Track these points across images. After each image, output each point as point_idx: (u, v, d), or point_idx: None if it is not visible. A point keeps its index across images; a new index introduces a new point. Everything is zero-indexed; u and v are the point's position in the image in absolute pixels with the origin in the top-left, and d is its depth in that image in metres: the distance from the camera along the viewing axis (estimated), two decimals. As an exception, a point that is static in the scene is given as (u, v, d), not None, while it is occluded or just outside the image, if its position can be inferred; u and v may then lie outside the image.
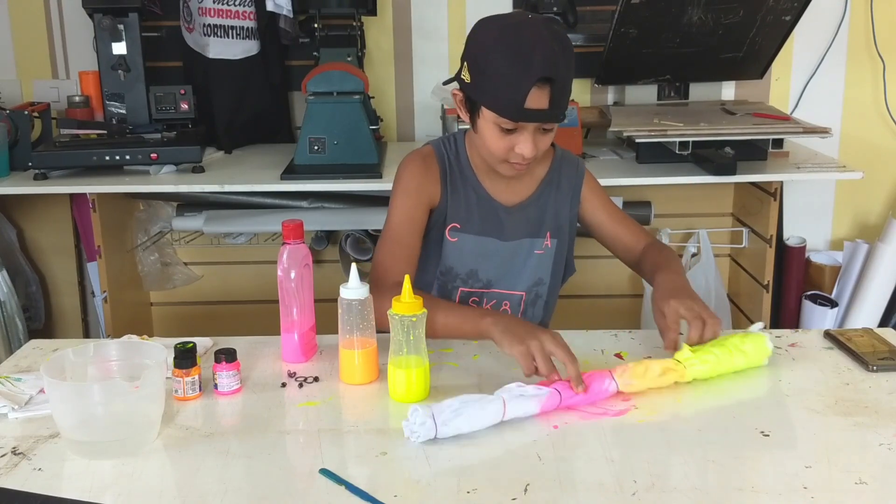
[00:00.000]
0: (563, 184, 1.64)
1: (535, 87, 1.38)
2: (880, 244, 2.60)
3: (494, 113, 1.43)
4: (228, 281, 2.87)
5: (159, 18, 2.66)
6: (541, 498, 1.03)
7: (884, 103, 2.75)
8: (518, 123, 1.43)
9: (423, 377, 1.29)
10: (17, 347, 2.12)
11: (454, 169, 1.60)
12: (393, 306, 1.28)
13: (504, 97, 1.40)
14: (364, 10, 2.51)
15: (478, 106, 1.46)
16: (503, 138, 1.46)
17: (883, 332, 1.50)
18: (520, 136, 1.45)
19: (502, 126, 1.44)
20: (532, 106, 1.39)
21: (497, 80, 1.40)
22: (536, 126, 1.44)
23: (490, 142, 1.47)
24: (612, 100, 2.78)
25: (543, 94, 1.39)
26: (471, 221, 1.59)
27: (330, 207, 2.57)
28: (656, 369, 1.28)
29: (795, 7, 2.41)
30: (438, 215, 1.59)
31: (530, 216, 1.62)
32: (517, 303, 1.66)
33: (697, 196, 2.78)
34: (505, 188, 1.61)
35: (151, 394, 1.18)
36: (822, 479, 1.07)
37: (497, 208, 1.60)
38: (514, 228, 1.61)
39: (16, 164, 2.42)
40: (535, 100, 1.39)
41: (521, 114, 1.40)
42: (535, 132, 1.45)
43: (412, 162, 1.60)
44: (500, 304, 1.65)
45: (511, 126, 1.44)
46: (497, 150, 1.47)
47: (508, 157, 1.48)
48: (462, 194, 1.59)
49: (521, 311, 1.67)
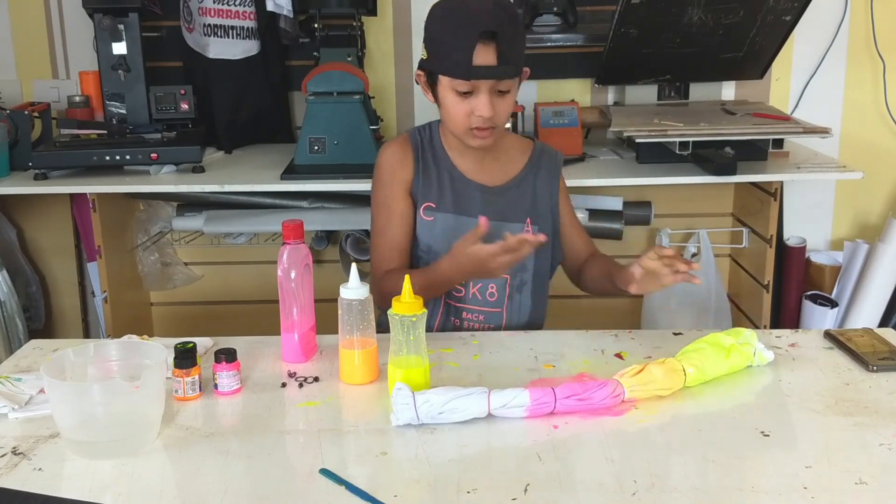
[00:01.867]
0: (542, 173, 1.70)
1: (480, 44, 1.47)
2: (880, 244, 2.60)
3: (448, 77, 1.52)
4: (228, 281, 2.87)
5: (159, 18, 2.66)
6: (541, 498, 1.03)
7: (884, 103, 2.75)
8: (472, 84, 1.51)
9: (424, 377, 1.30)
10: (17, 347, 2.12)
11: (427, 151, 1.67)
12: (393, 306, 1.29)
13: (453, 59, 1.50)
14: (364, 10, 2.51)
15: (436, 78, 1.55)
16: (461, 103, 1.54)
17: (883, 332, 1.50)
18: (476, 99, 1.53)
19: (458, 90, 1.53)
20: (480, 63, 1.49)
21: (446, 45, 1.51)
22: (491, 87, 1.52)
23: (451, 109, 1.56)
24: (612, 100, 2.78)
25: (490, 51, 1.49)
26: (444, 200, 1.65)
27: (330, 207, 2.56)
28: (659, 373, 1.28)
29: (795, 7, 2.41)
30: (414, 197, 1.66)
31: (510, 200, 1.67)
32: (503, 286, 1.68)
33: (697, 196, 2.78)
34: (483, 170, 1.67)
35: (151, 394, 1.18)
36: (822, 479, 1.07)
37: (474, 188, 1.66)
38: (493, 209, 1.64)
39: (16, 164, 2.42)
40: (482, 56, 1.49)
41: (471, 71, 1.49)
42: (492, 94, 1.53)
43: (384, 152, 1.69)
44: (486, 286, 1.67)
45: (466, 88, 1.52)
46: (458, 117, 1.56)
47: (470, 122, 1.55)
48: (435, 174, 1.66)
49: (507, 294, 1.68)
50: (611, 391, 1.24)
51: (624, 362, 1.42)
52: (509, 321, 1.69)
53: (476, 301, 1.67)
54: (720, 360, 1.34)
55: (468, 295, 1.67)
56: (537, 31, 2.66)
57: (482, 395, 1.21)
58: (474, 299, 1.67)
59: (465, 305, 1.67)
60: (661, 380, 1.27)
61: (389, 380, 1.30)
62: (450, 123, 1.59)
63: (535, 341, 1.51)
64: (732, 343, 1.36)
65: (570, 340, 1.51)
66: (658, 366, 1.29)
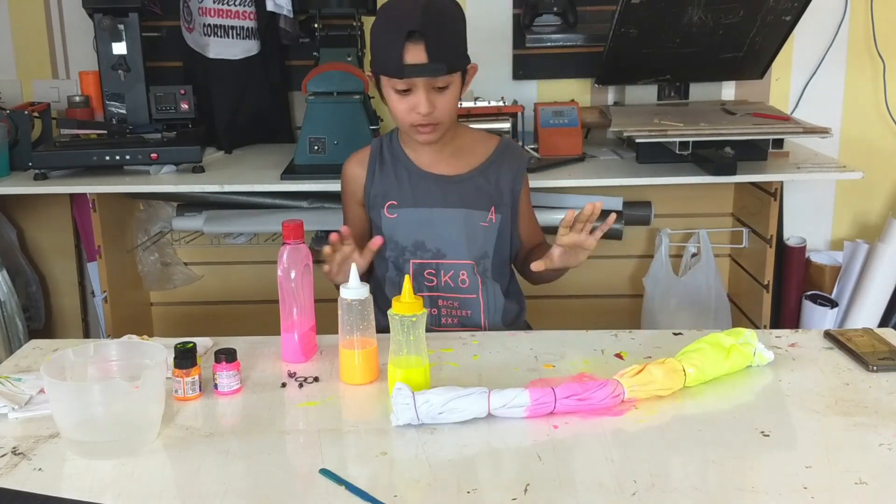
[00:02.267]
0: (505, 165, 1.74)
1: (409, 43, 1.53)
2: (880, 244, 2.60)
3: (385, 76, 1.58)
4: (228, 281, 2.87)
5: (159, 18, 2.66)
6: (541, 498, 1.03)
7: (884, 103, 2.75)
8: (408, 82, 1.56)
9: (424, 377, 1.30)
10: (17, 347, 2.12)
11: (385, 153, 1.74)
12: (393, 306, 1.29)
13: (386, 59, 1.56)
14: (364, 10, 2.51)
15: (378, 79, 1.62)
16: (402, 101, 1.59)
17: (883, 332, 1.50)
18: (414, 97, 1.58)
19: (396, 88, 1.58)
20: (411, 61, 1.54)
21: (380, 46, 1.59)
22: (427, 84, 1.56)
23: (393, 107, 1.62)
24: (612, 100, 2.78)
25: (419, 49, 1.53)
26: (404, 195, 1.70)
27: (330, 207, 2.56)
28: (659, 373, 1.28)
29: (795, 7, 2.41)
30: (370, 201, 1.73)
31: (473, 188, 1.71)
32: (472, 272, 1.71)
33: (697, 196, 2.78)
34: (440, 162, 1.71)
35: (151, 394, 1.18)
36: (822, 479, 1.07)
37: (431, 179, 1.70)
38: (455, 197, 1.69)
39: (16, 164, 2.42)
40: (413, 55, 1.54)
41: (403, 70, 1.54)
42: (429, 91, 1.57)
43: (344, 166, 1.79)
44: (457, 273, 1.70)
45: (403, 86, 1.57)
46: (401, 114, 1.61)
47: (411, 119, 1.60)
48: (392, 173, 1.72)
49: (479, 281, 1.71)
50: (611, 391, 1.24)
51: (624, 362, 1.41)
52: (487, 307, 1.72)
53: (449, 288, 1.71)
54: (720, 361, 1.34)
55: (440, 283, 1.70)
56: (537, 31, 2.66)
57: (482, 395, 1.21)
58: (447, 287, 1.70)
59: (440, 294, 1.71)
60: (661, 380, 1.27)
61: (389, 380, 1.30)
62: (396, 121, 1.65)
63: (535, 341, 1.51)
64: (733, 343, 1.36)
65: (570, 340, 1.51)
66: (658, 366, 1.29)
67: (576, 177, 2.27)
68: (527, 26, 2.64)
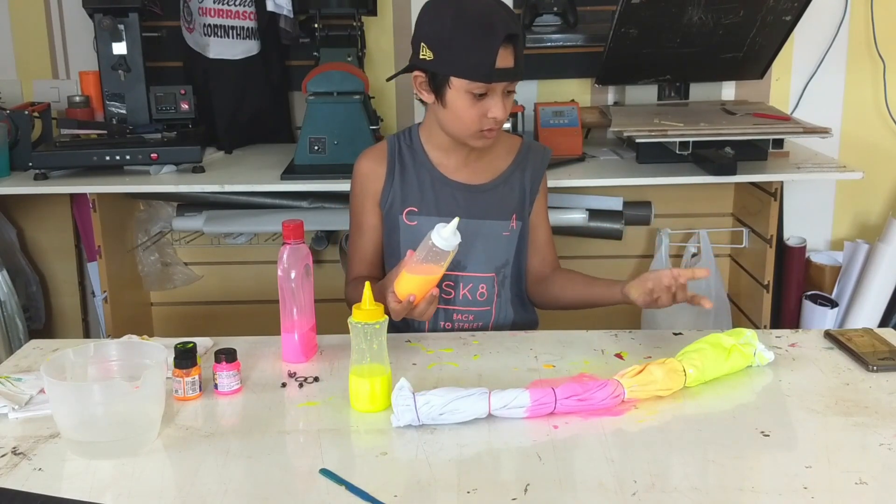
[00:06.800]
0: (528, 167, 1.71)
1: (501, 48, 1.49)
2: (880, 244, 2.60)
3: (467, 80, 1.51)
4: (228, 281, 2.87)
5: (159, 18, 2.66)
6: (541, 498, 1.03)
7: (884, 103, 2.75)
8: (489, 86, 1.51)
9: (387, 386, 1.26)
10: (17, 347, 2.12)
11: (405, 155, 1.68)
12: (353, 314, 1.26)
13: (475, 62, 1.50)
14: (364, 10, 2.51)
15: (446, 80, 1.54)
16: (475, 105, 1.54)
17: (883, 332, 1.50)
18: (491, 100, 1.54)
19: (474, 92, 1.52)
20: (501, 65, 1.50)
21: (467, 49, 1.50)
22: (503, 88, 1.54)
23: (462, 112, 1.55)
24: (612, 100, 2.78)
25: (508, 53, 1.51)
26: (426, 203, 1.65)
27: (330, 207, 2.56)
28: (659, 373, 1.28)
29: (795, 7, 2.41)
30: (388, 203, 1.67)
31: (497, 198, 1.67)
32: (491, 284, 1.68)
33: (697, 196, 2.78)
34: (466, 170, 1.67)
35: (151, 394, 1.18)
36: (822, 479, 1.07)
37: (455, 187, 1.66)
38: (478, 208, 1.65)
39: (16, 164, 2.42)
40: (503, 59, 1.50)
41: (493, 74, 1.50)
42: (504, 95, 1.55)
43: (358, 161, 1.72)
44: (476, 286, 1.67)
45: (482, 90, 1.52)
46: (470, 120, 1.55)
47: (482, 124, 1.56)
48: (415, 178, 1.66)
49: (495, 292, 1.69)
50: (611, 391, 1.24)
51: (624, 362, 1.42)
52: (497, 317, 1.70)
53: (466, 301, 1.67)
54: (720, 361, 1.34)
55: (458, 296, 1.67)
56: (537, 31, 2.66)
57: (482, 395, 1.21)
58: (465, 300, 1.67)
59: (455, 307, 1.68)
60: (661, 380, 1.27)
61: (351, 391, 1.27)
62: (457, 125, 1.58)
63: (535, 341, 1.51)
64: (733, 343, 1.36)
65: (570, 340, 1.51)
66: (658, 366, 1.29)
67: (576, 177, 2.26)
68: (527, 26, 2.64)
